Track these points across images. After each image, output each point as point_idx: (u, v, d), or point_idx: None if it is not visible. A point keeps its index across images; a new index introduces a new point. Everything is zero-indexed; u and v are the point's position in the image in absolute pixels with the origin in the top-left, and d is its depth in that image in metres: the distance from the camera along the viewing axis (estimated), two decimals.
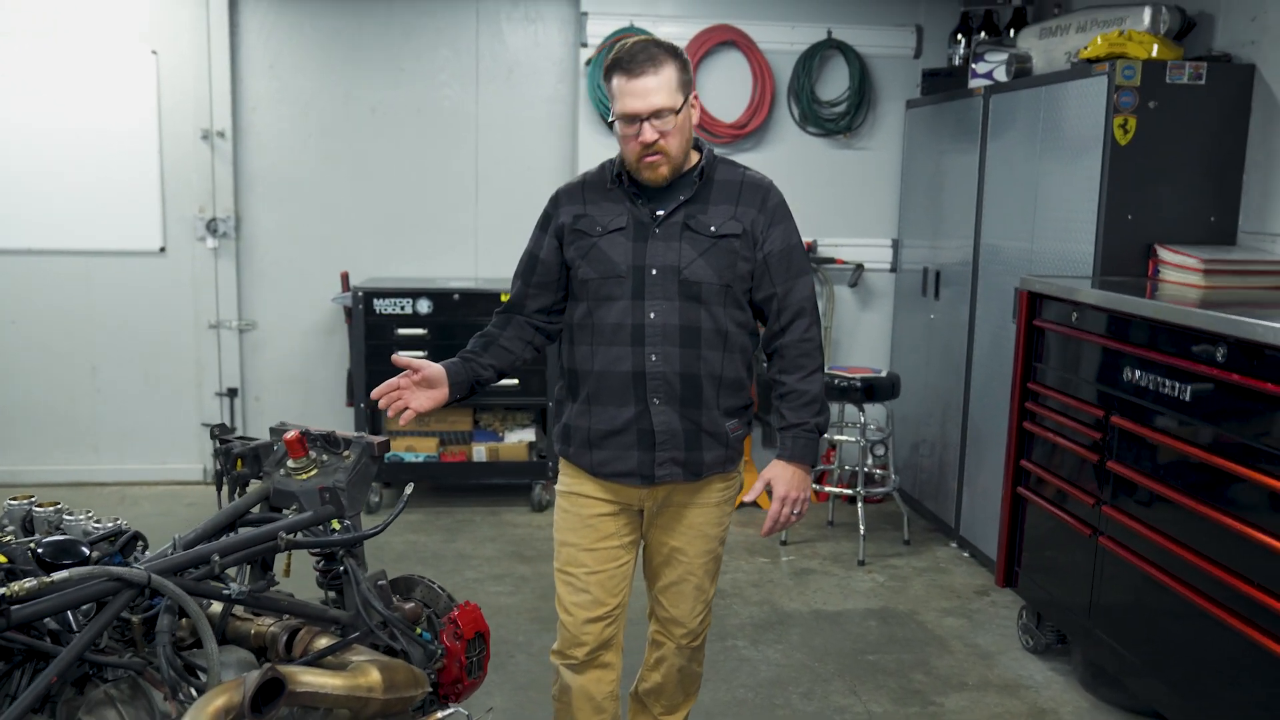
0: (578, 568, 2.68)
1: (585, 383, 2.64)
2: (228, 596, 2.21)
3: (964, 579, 4.71)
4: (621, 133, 2.50)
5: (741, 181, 2.62)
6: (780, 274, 2.60)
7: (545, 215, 2.71)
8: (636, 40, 2.49)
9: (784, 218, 2.63)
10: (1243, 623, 2.77)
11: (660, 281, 2.54)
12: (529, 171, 5.86)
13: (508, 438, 5.61)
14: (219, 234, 5.66)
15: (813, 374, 2.61)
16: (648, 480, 2.62)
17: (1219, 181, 4.00)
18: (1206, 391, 2.95)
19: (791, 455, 2.60)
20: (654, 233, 2.55)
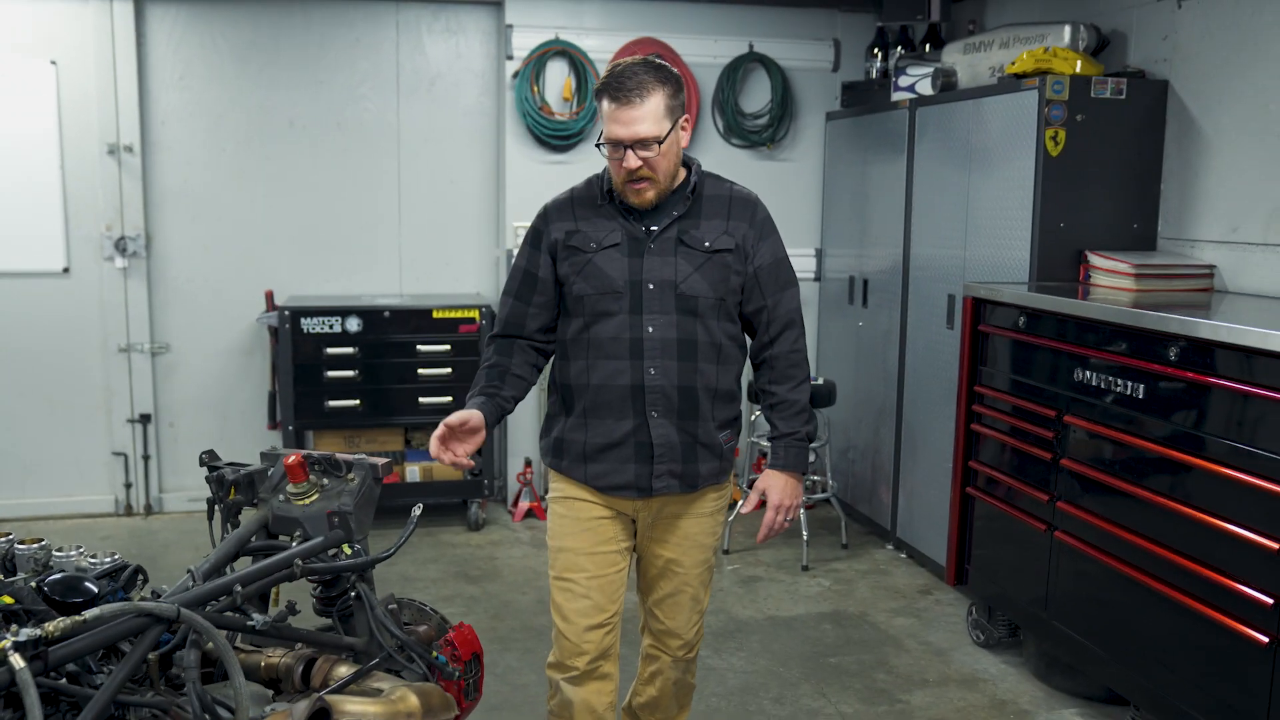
0: (578, 573, 2.65)
1: (581, 397, 2.62)
2: (252, 628, 2.13)
3: (906, 579, 4.84)
4: (608, 155, 2.50)
5: (730, 196, 2.64)
6: (770, 286, 2.64)
7: (535, 231, 2.67)
8: (629, 64, 2.46)
9: (771, 231, 2.66)
10: (1195, 600, 2.95)
11: (658, 296, 2.55)
12: (453, 185, 5.80)
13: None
14: (128, 253, 5.42)
15: (801, 384, 2.67)
16: (644, 493, 2.62)
17: (1139, 190, 4.23)
18: (1161, 388, 3.12)
19: (785, 464, 2.66)
20: (649, 248, 2.55)
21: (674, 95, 2.47)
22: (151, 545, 5.17)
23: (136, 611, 1.89)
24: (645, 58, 2.51)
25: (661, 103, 2.43)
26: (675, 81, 2.49)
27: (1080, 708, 3.64)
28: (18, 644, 1.71)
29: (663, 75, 2.46)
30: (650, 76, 2.44)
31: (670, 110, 2.45)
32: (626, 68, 2.45)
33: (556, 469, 2.71)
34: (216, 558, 2.25)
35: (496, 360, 2.67)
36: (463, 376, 5.40)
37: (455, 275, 5.89)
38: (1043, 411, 3.62)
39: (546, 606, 4.44)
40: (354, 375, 5.27)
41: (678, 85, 2.49)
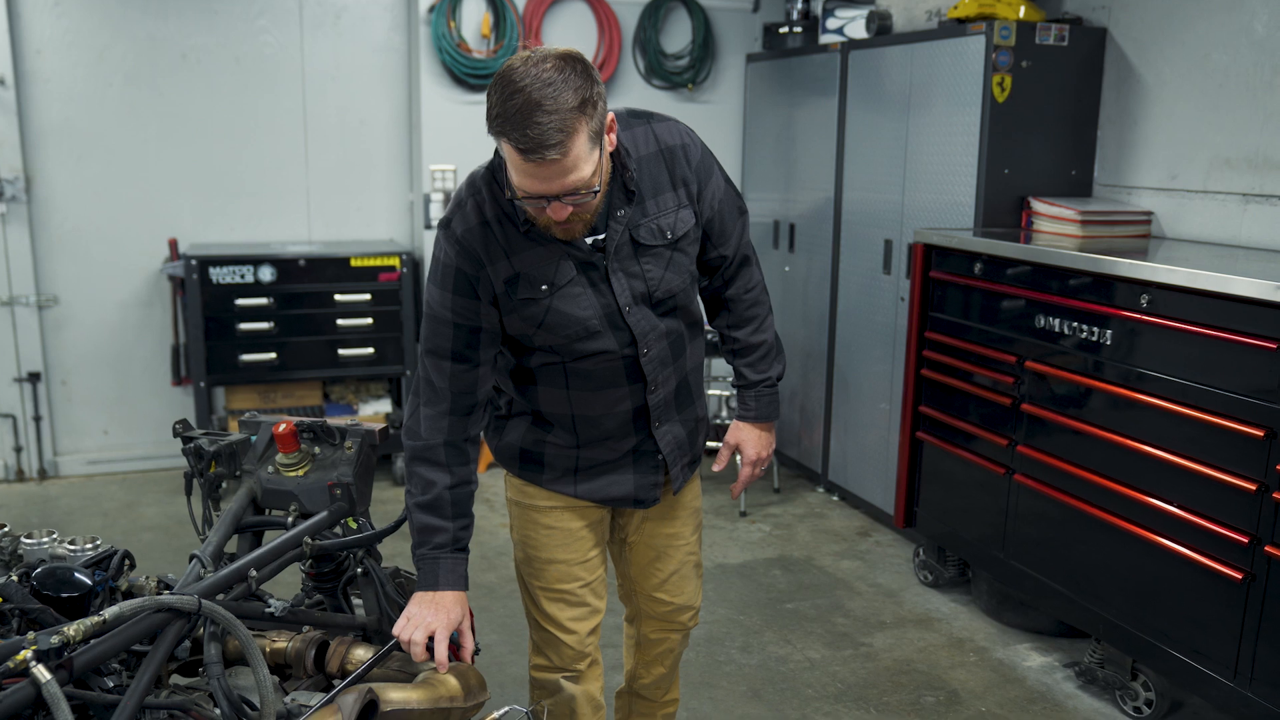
0: (572, 583, 2.35)
1: (561, 424, 2.26)
2: (271, 615, 1.99)
3: (842, 522, 4.89)
4: (520, 204, 1.96)
5: (660, 150, 2.13)
6: (724, 232, 2.28)
7: (459, 276, 2.05)
8: (527, 95, 1.78)
9: (710, 167, 2.21)
10: (1166, 538, 3.05)
11: (638, 314, 2.15)
12: (363, 126, 5.50)
13: (362, 410, 5.30)
14: (7, 197, 4.96)
15: (764, 322, 2.42)
16: (642, 504, 2.34)
17: (1077, 137, 4.29)
18: (1126, 333, 3.18)
19: (757, 415, 2.46)
20: (610, 267, 2.09)
21: (594, 112, 1.84)
22: (54, 512, 4.82)
23: (157, 606, 1.71)
24: (541, 69, 1.80)
25: (585, 139, 1.83)
26: (589, 95, 1.83)
27: (1033, 642, 3.75)
28: (40, 653, 1.53)
29: (576, 98, 1.80)
30: (562, 114, 1.78)
31: (594, 137, 1.86)
32: (525, 103, 1.77)
33: (528, 481, 2.33)
34: (218, 540, 2.06)
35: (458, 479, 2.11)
36: (383, 326, 5.19)
37: (366, 221, 5.61)
38: (1002, 357, 3.65)
39: (491, 562, 4.37)
40: (269, 327, 4.98)
41: (592, 98, 1.83)
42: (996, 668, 3.57)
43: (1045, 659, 3.63)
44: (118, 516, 4.85)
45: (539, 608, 2.36)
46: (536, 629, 2.39)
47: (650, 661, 2.64)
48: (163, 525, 4.73)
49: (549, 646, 2.38)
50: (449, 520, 2.11)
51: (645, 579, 2.50)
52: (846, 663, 3.60)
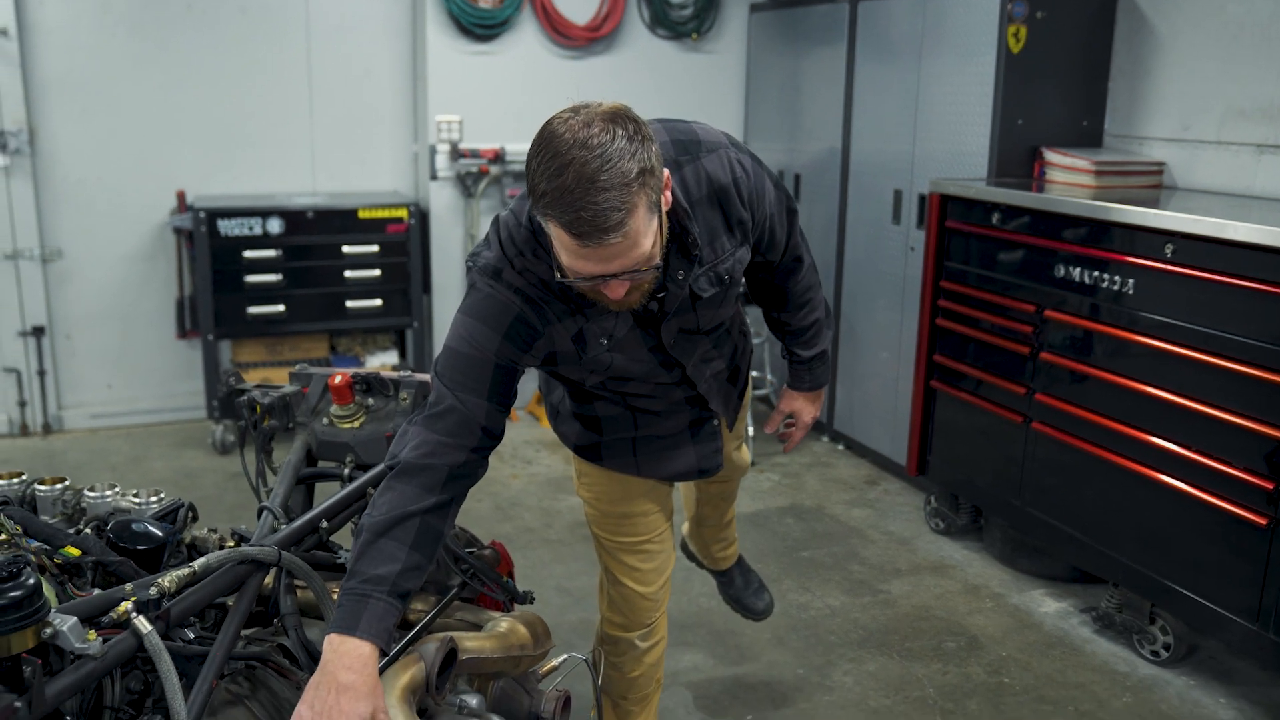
0: (651, 532, 2.38)
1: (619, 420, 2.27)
2: (342, 565, 2.00)
3: (850, 471, 4.95)
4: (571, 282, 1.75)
5: (714, 192, 1.94)
6: (775, 243, 2.18)
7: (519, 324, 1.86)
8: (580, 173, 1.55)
9: (761, 189, 2.04)
10: (1188, 484, 3.11)
11: (691, 348, 2.12)
12: (367, 77, 5.44)
13: (370, 362, 5.30)
14: (10, 149, 4.89)
15: (815, 304, 2.40)
16: (707, 473, 2.37)
17: (1088, 88, 4.30)
18: (1151, 282, 3.22)
19: (812, 385, 2.50)
20: (664, 317, 1.99)
21: (653, 180, 1.63)
22: (62, 467, 4.81)
23: (241, 558, 1.74)
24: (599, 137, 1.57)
25: (644, 212, 1.62)
26: (647, 157, 1.62)
27: (1047, 588, 3.83)
28: (139, 604, 1.54)
29: (638, 168, 1.59)
30: (624, 190, 1.57)
31: (653, 207, 1.65)
32: (585, 183, 1.55)
33: (590, 460, 2.35)
34: (283, 492, 2.08)
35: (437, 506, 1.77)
36: (391, 278, 5.18)
37: (371, 172, 5.57)
38: (1020, 306, 3.70)
39: (506, 513, 4.40)
40: (277, 279, 4.96)
41: (651, 159, 1.62)
42: (1013, 613, 3.65)
43: (1060, 605, 3.71)
44: (126, 470, 4.84)
45: (618, 561, 2.39)
46: (614, 584, 2.42)
47: (712, 500, 2.78)
48: (172, 479, 4.73)
49: (626, 604, 2.41)
50: (404, 551, 1.70)
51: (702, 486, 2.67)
52: (866, 609, 3.67)
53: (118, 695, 1.61)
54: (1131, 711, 3.09)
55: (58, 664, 1.45)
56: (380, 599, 1.65)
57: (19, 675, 1.34)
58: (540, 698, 2.07)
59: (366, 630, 1.61)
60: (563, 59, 5.44)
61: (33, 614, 1.36)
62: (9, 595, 1.34)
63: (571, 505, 4.48)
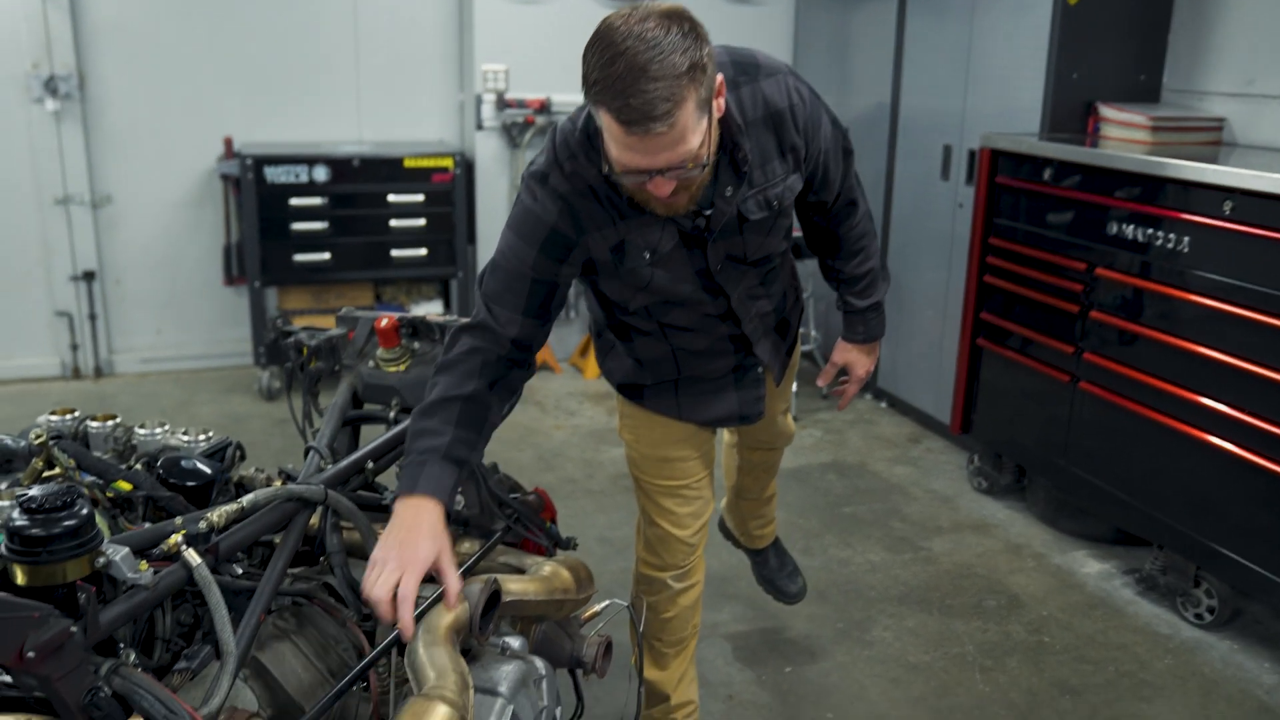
0: (689, 478, 2.39)
1: (662, 358, 2.27)
2: (387, 507, 2.02)
3: (893, 429, 4.93)
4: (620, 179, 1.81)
5: (770, 114, 1.96)
6: (830, 181, 2.17)
7: (554, 235, 1.91)
8: (631, 62, 1.58)
9: (817, 120, 2.04)
10: (1240, 447, 3.05)
11: (736, 276, 2.12)
12: (413, 25, 5.42)
13: (414, 311, 5.29)
14: (61, 94, 4.93)
15: (869, 255, 2.37)
16: (748, 420, 2.36)
17: (1148, 41, 4.19)
18: (1208, 241, 3.15)
19: (866, 337, 2.46)
20: (710, 238, 2.01)
21: (703, 77, 1.64)
22: (113, 409, 4.81)
23: (288, 496, 1.75)
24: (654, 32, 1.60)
25: (693, 107, 1.64)
26: (699, 53, 1.63)
27: (1090, 549, 3.80)
28: (189, 538, 1.57)
29: (689, 62, 1.61)
30: (669, 80, 1.59)
31: (703, 105, 1.67)
32: (635, 71, 1.58)
33: (633, 401, 2.36)
34: (330, 432, 2.10)
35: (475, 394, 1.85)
36: (436, 227, 5.18)
37: (416, 121, 5.56)
38: (1071, 264, 3.63)
39: (549, 463, 4.43)
40: (323, 227, 4.98)
41: (703, 56, 1.64)
42: (1055, 573, 3.63)
43: (1103, 566, 3.68)
44: (175, 414, 4.92)
45: (655, 503, 2.40)
46: (650, 525, 2.44)
47: (754, 470, 2.77)
48: (219, 423, 4.80)
49: (661, 544, 2.43)
50: (450, 426, 1.80)
51: (747, 434, 2.63)
52: (907, 566, 3.66)
53: (169, 627, 1.64)
54: (1173, 674, 3.07)
55: (110, 593, 1.48)
56: (434, 463, 1.77)
57: (74, 602, 1.37)
58: (582, 642, 2.08)
59: (425, 488, 1.74)
60: (610, 7, 5.37)
61: (86, 543, 1.38)
62: (63, 524, 1.36)
63: (614, 457, 4.49)
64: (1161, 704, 2.93)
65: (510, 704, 1.73)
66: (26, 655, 1.22)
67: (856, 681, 3.02)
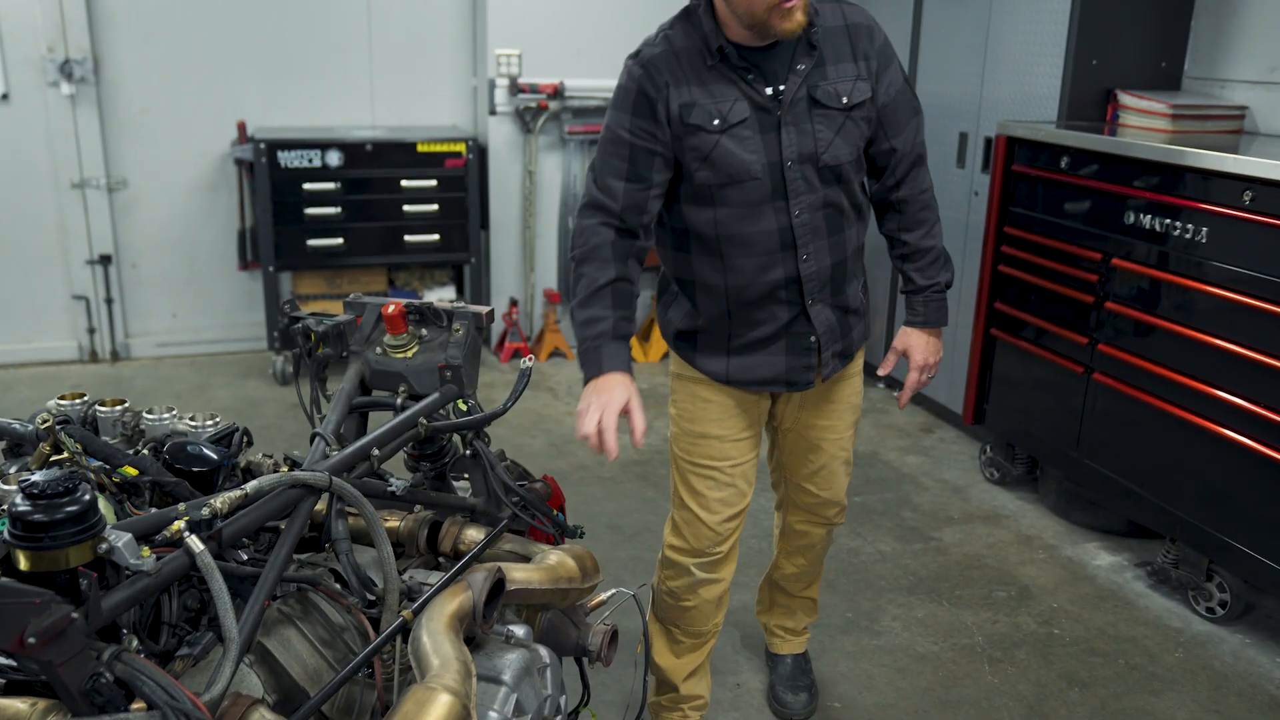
0: (723, 460, 2.41)
1: (714, 296, 2.32)
2: (392, 493, 2.03)
3: (905, 418, 4.91)
4: None
5: (847, 25, 2.23)
6: (897, 124, 2.30)
7: (640, 96, 2.17)
8: None
9: (891, 56, 2.29)
10: (1255, 440, 3.02)
11: (801, 174, 2.20)
12: (427, 9, 5.42)
13: (427, 296, 5.31)
14: (76, 78, 4.95)
15: (935, 227, 2.44)
16: (795, 386, 2.37)
17: (1170, 27, 4.14)
18: (1226, 232, 3.11)
19: (925, 320, 2.45)
20: (782, 118, 2.16)
21: None
22: (128, 393, 4.92)
23: (292, 482, 1.74)
24: None
25: None
26: None
27: (1101, 541, 3.78)
28: (192, 524, 1.57)
29: None
30: None
31: None
32: None
33: (689, 361, 2.43)
34: (336, 419, 2.10)
35: (619, 274, 2.18)
36: (449, 213, 5.18)
37: (429, 105, 5.56)
38: (1087, 254, 3.60)
39: (560, 450, 4.43)
40: (336, 212, 4.99)
41: None
42: (1066, 565, 3.61)
43: (1114, 558, 3.66)
44: (190, 398, 4.95)
45: (686, 483, 2.43)
46: (680, 507, 2.46)
47: (793, 552, 2.72)
48: (234, 407, 4.82)
49: (688, 527, 2.44)
50: (610, 310, 2.17)
51: (796, 468, 2.56)
52: (917, 556, 3.65)
53: (175, 612, 1.65)
54: (1184, 667, 3.05)
55: (113, 579, 1.48)
56: (608, 344, 2.15)
57: (76, 588, 1.37)
58: (587, 631, 2.08)
59: (610, 365, 2.14)
60: None
61: (89, 529, 1.38)
62: (66, 509, 1.36)
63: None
64: (1171, 697, 2.91)
65: (514, 692, 1.73)
66: (28, 641, 1.23)
67: (864, 671, 3.02)
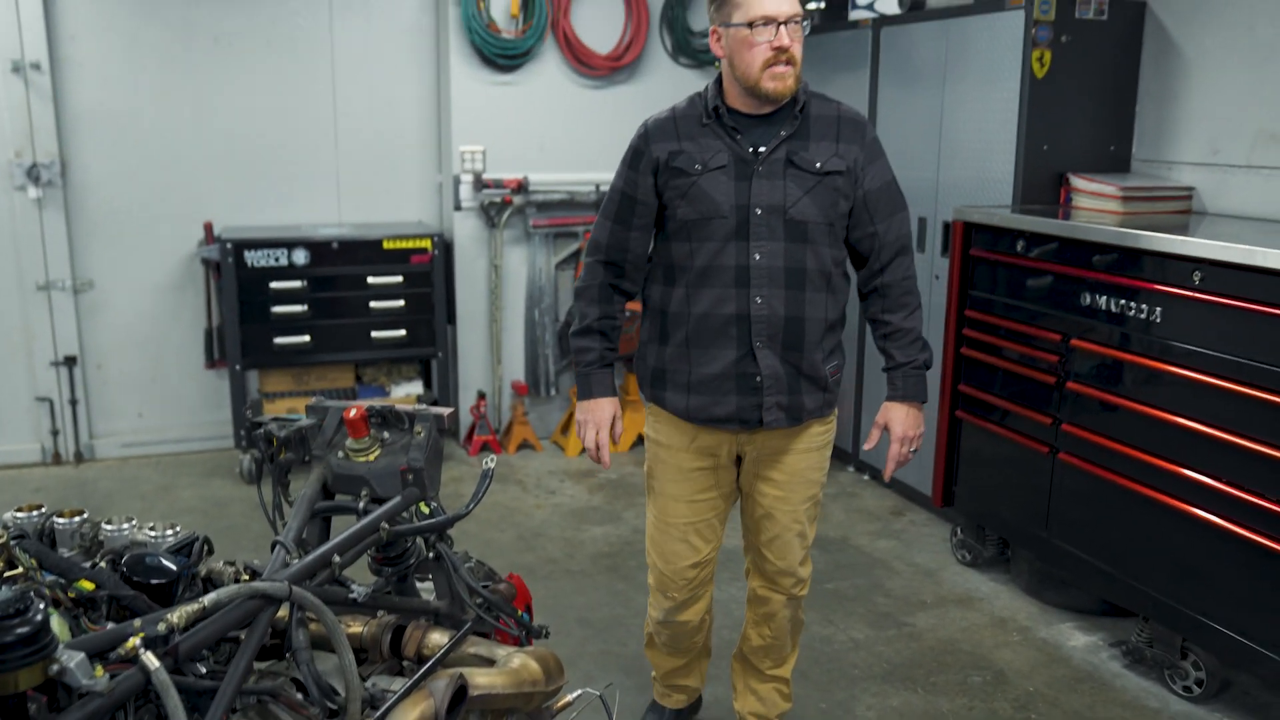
0: (676, 518, 2.68)
1: (681, 325, 2.56)
2: (354, 601, 2.00)
3: (875, 502, 4.91)
4: (750, 39, 2.37)
5: (839, 117, 2.54)
6: (880, 211, 2.56)
7: (635, 151, 2.58)
8: None
9: (880, 153, 2.58)
10: (1221, 517, 3.04)
11: (765, 221, 2.47)
12: (390, 107, 5.50)
13: (394, 392, 5.32)
14: (43, 182, 4.97)
15: (915, 311, 2.63)
16: (747, 425, 2.56)
17: (1115, 112, 4.27)
18: (1181, 311, 3.17)
19: (904, 395, 2.62)
20: (757, 170, 2.46)
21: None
22: (93, 495, 4.86)
23: (251, 593, 1.72)
24: None
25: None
26: None
27: (1076, 621, 3.77)
28: (148, 640, 1.54)
29: None
30: None
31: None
32: None
33: (658, 401, 2.67)
34: (297, 526, 2.08)
35: (603, 314, 2.65)
36: (415, 308, 5.21)
37: (395, 203, 5.61)
38: (1046, 335, 3.65)
39: (529, 544, 4.39)
40: (303, 310, 5.00)
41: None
42: (1041, 647, 3.59)
43: (1089, 638, 3.65)
44: (155, 499, 4.88)
45: (650, 533, 2.75)
46: (647, 552, 2.79)
47: (759, 621, 2.83)
48: (200, 508, 4.76)
49: (653, 571, 2.77)
50: (597, 342, 2.64)
51: (755, 534, 2.75)
52: (891, 643, 3.62)
53: None
54: None
55: (66, 700, 1.45)
56: (595, 372, 2.65)
57: (24, 712, 1.34)
58: None
59: (599, 391, 2.65)
60: (585, 88, 5.46)
61: (39, 650, 1.36)
62: (15, 631, 1.34)
63: (594, 536, 4.46)
64: None
65: None
66: None
67: None
